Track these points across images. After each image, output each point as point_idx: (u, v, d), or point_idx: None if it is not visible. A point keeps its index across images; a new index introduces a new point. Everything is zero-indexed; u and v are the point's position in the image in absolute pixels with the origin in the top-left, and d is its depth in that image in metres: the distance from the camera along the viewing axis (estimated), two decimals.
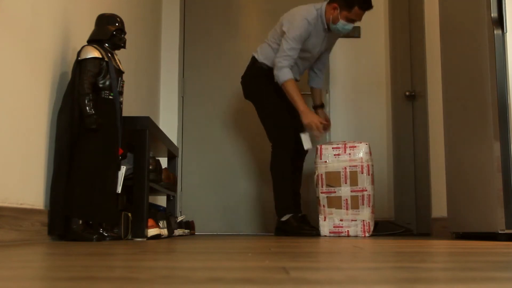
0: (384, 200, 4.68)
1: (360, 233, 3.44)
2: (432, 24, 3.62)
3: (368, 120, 4.83)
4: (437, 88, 3.52)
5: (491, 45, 2.44)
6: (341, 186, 3.46)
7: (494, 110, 2.41)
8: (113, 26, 2.53)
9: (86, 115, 2.37)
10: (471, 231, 2.66)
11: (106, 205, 2.39)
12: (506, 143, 2.38)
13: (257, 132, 4.79)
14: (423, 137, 3.91)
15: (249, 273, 0.89)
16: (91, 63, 2.41)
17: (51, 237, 2.33)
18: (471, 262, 1.13)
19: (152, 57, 4.52)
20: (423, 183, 3.92)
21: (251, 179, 4.77)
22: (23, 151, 2.14)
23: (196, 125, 4.83)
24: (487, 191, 2.46)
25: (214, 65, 4.89)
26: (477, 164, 2.56)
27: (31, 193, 2.21)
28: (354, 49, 4.88)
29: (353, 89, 4.84)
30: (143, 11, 4.17)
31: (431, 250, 1.60)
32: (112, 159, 2.44)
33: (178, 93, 4.85)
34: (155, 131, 2.95)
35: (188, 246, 1.91)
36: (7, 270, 0.94)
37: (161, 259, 1.20)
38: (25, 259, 1.20)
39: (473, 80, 2.61)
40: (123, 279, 0.80)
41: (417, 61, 4.11)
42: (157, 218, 2.84)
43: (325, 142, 3.64)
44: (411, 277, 0.83)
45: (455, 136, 2.82)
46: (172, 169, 3.82)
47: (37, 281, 0.79)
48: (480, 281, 0.78)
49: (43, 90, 2.34)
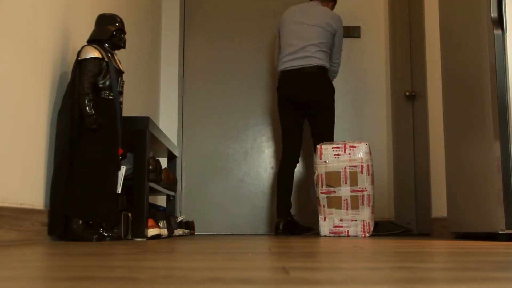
0: (384, 200, 4.68)
1: (360, 233, 3.44)
2: (432, 24, 3.62)
3: (368, 120, 4.83)
4: (437, 88, 3.52)
5: (491, 45, 2.44)
6: (341, 186, 3.46)
7: (494, 110, 2.41)
8: (113, 26, 2.53)
9: (86, 115, 2.37)
10: (471, 231, 2.66)
11: (106, 205, 2.39)
12: (506, 143, 2.38)
13: (257, 132, 4.79)
14: (423, 137, 3.91)
15: (249, 273, 0.89)
16: (91, 63, 2.41)
17: (51, 237, 2.33)
18: (471, 262, 1.13)
19: (152, 57, 4.52)
20: (423, 183, 3.92)
21: (251, 179, 4.77)
22: (23, 151, 2.14)
23: (196, 125, 4.83)
24: (487, 191, 2.46)
25: (214, 65, 4.89)
26: (477, 164, 2.56)
27: (31, 193, 2.21)
28: (354, 49, 4.88)
29: (353, 89, 4.84)
30: (143, 11, 4.17)
31: (431, 250, 1.60)
32: (112, 159, 2.44)
33: (178, 93, 4.85)
34: (155, 131, 2.95)
35: (188, 246, 1.91)
36: (7, 270, 0.94)
37: (161, 259, 1.20)
38: (25, 259, 1.20)
39: (473, 80, 2.61)
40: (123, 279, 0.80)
41: (417, 61, 4.11)
42: (157, 218, 2.84)
43: (325, 142, 3.64)
44: (411, 277, 0.83)
45: (455, 136, 2.82)
46: (172, 169, 3.82)
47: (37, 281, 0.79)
48: (480, 281, 0.78)
49: (43, 90, 2.34)
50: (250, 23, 4.96)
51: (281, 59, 4.04)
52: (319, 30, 3.98)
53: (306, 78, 3.93)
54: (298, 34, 3.99)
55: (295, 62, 3.96)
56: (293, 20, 4.05)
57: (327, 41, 4.00)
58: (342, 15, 4.89)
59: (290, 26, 4.04)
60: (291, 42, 4.00)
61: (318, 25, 3.98)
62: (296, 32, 4.00)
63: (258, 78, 4.88)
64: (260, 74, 4.88)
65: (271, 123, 4.83)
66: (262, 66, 4.88)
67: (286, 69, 3.99)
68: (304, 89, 3.93)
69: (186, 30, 4.94)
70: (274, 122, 4.83)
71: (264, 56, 4.90)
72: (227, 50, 4.92)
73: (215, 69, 4.88)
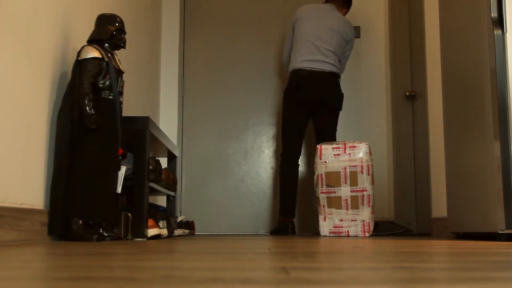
0: (384, 200, 4.68)
1: (360, 233, 3.44)
2: (432, 24, 3.62)
3: (368, 120, 4.83)
4: (437, 88, 3.52)
5: (491, 45, 2.44)
6: (341, 186, 3.46)
7: (494, 110, 2.41)
8: (113, 26, 2.53)
9: (86, 115, 2.36)
10: (471, 231, 2.66)
11: (106, 205, 2.39)
12: (506, 143, 2.38)
13: (257, 132, 4.79)
14: (423, 137, 3.91)
15: (249, 273, 0.89)
16: (91, 63, 2.41)
17: (51, 237, 2.33)
18: (471, 262, 1.13)
19: (152, 57, 4.52)
20: (423, 183, 3.92)
21: (251, 179, 4.77)
22: (23, 151, 2.14)
23: (196, 125, 4.83)
24: (487, 191, 2.46)
25: (214, 65, 4.89)
26: (477, 164, 2.56)
27: (31, 193, 2.21)
28: (354, 49, 4.88)
29: (353, 89, 4.84)
30: (143, 11, 4.17)
31: (431, 250, 1.60)
32: (112, 159, 2.44)
33: (178, 93, 4.85)
34: (155, 131, 2.95)
35: (188, 246, 1.91)
36: (7, 270, 0.94)
37: (161, 259, 1.20)
38: (25, 259, 1.20)
39: (473, 80, 2.61)
40: (123, 279, 0.80)
41: (417, 61, 4.11)
42: (157, 218, 2.84)
43: (325, 142, 3.64)
44: (411, 277, 0.83)
45: (455, 136, 2.82)
46: (172, 169, 3.82)
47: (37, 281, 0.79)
48: (480, 281, 0.78)
49: (43, 90, 2.34)
50: (250, 23, 4.96)
51: (298, 57, 4.03)
52: (338, 37, 4.03)
53: (325, 82, 3.98)
54: (318, 35, 4.01)
55: (315, 64, 3.98)
56: (311, 18, 4.05)
57: (342, 49, 4.08)
58: None
59: (308, 24, 4.04)
60: (311, 42, 4.00)
61: (337, 31, 4.03)
62: (316, 32, 4.01)
63: (258, 78, 4.88)
64: (260, 74, 4.88)
65: (271, 123, 4.83)
66: (262, 66, 4.88)
67: (305, 69, 3.99)
68: (322, 92, 3.98)
69: (186, 30, 4.94)
70: (274, 122, 4.83)
71: (264, 56, 4.90)
72: (227, 50, 4.92)
73: (215, 69, 4.88)
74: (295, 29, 4.10)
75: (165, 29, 4.91)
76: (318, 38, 4.00)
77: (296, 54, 4.04)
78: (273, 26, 4.92)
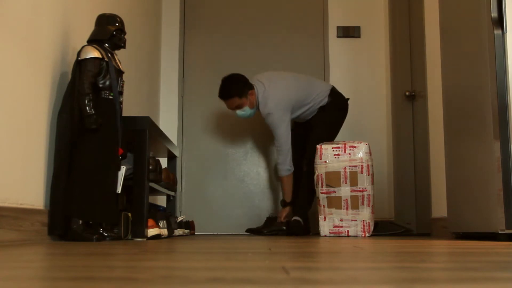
0: (384, 200, 4.68)
1: (360, 233, 3.44)
2: (432, 24, 3.62)
3: (368, 120, 4.83)
4: (437, 88, 3.51)
5: (491, 45, 2.44)
6: (341, 186, 3.46)
7: (494, 110, 2.41)
8: (113, 26, 2.53)
9: (86, 115, 2.36)
10: (471, 231, 2.66)
11: (106, 205, 2.39)
12: (506, 143, 2.38)
13: (257, 133, 4.79)
14: (423, 137, 3.91)
15: (249, 273, 0.89)
16: (91, 63, 2.41)
17: (51, 237, 2.33)
18: (471, 262, 1.13)
19: (152, 57, 4.52)
20: (423, 183, 3.92)
21: (251, 179, 4.77)
22: (23, 151, 2.14)
23: (196, 125, 4.83)
24: (487, 191, 2.46)
25: (214, 65, 4.89)
26: (477, 164, 2.56)
27: (31, 193, 2.21)
28: (354, 49, 4.88)
29: (353, 89, 4.84)
30: (143, 11, 4.17)
31: (431, 250, 1.60)
32: (112, 159, 2.44)
33: (178, 93, 4.85)
34: (155, 131, 2.95)
35: (188, 246, 1.91)
36: (7, 270, 0.94)
37: (161, 259, 1.20)
38: (25, 259, 1.20)
39: (473, 80, 2.61)
40: (123, 279, 0.80)
41: (417, 61, 4.11)
42: (157, 218, 2.84)
43: (325, 142, 3.64)
44: (411, 277, 0.83)
45: (455, 136, 2.82)
46: (172, 169, 3.82)
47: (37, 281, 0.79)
48: (480, 281, 0.78)
49: (43, 90, 2.34)
50: (250, 23, 4.96)
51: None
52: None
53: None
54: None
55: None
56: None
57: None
58: (342, 15, 4.90)
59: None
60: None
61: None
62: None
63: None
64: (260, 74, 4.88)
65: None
66: (262, 66, 4.88)
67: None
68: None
69: (186, 30, 4.94)
70: None
71: (264, 56, 4.89)
72: (227, 50, 4.92)
73: (215, 69, 4.88)
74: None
75: (165, 29, 4.91)
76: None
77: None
78: (273, 26, 4.92)
